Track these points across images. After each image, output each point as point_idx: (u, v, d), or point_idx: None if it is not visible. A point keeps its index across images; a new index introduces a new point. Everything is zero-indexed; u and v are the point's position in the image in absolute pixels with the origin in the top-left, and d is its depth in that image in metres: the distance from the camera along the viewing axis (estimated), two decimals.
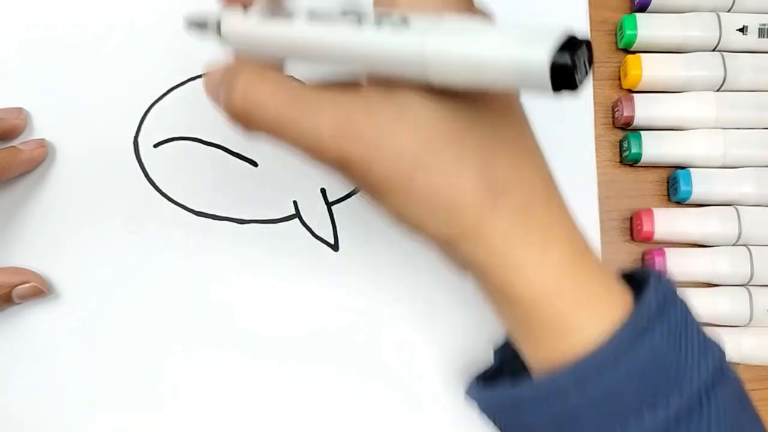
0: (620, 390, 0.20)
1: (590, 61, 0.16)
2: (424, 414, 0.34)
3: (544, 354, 0.21)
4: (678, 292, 0.22)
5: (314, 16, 0.20)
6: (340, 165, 0.20)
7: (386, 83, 0.20)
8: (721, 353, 0.22)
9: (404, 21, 0.18)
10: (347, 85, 0.20)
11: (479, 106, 0.20)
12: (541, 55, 0.15)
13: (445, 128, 0.19)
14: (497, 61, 0.16)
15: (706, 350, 0.21)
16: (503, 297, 0.21)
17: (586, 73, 0.16)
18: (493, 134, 0.20)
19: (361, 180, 0.20)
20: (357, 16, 0.19)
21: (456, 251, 0.21)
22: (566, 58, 0.15)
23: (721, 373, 0.21)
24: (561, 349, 0.21)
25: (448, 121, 0.19)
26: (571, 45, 0.15)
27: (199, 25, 0.25)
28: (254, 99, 0.20)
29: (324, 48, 0.20)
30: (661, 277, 0.22)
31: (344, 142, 0.19)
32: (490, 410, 0.24)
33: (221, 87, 0.22)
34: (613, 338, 0.20)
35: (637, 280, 0.23)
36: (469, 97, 0.20)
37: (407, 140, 0.19)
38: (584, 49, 0.15)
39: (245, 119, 0.21)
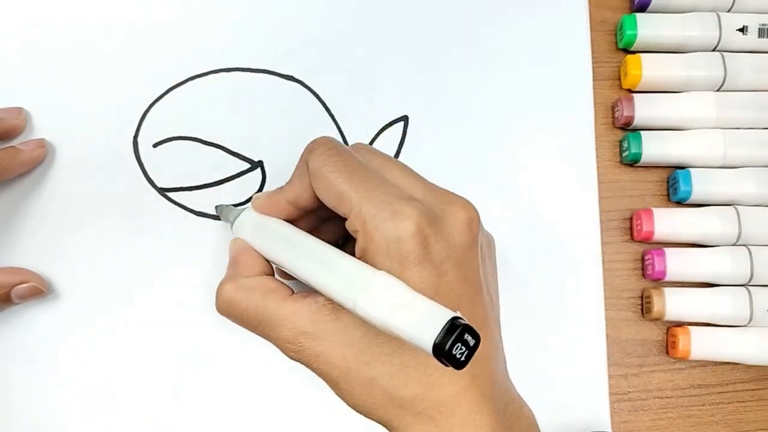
0: None
1: (475, 338, 0.20)
2: None
3: None
4: None
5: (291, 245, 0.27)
6: (295, 360, 0.26)
7: (336, 309, 0.25)
8: None
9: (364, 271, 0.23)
10: (304, 300, 0.26)
11: (401, 344, 0.24)
12: (427, 341, 0.20)
13: (369, 351, 0.24)
14: (403, 333, 0.21)
15: None
16: None
17: (469, 349, 0.20)
18: (413, 356, 0.24)
19: (310, 369, 0.26)
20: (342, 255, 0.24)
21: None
22: (446, 343, 0.19)
23: None
24: None
25: (373, 345, 0.24)
26: (455, 330, 0.19)
27: (223, 216, 0.32)
28: (229, 312, 0.27)
29: (289, 256, 0.26)
30: None
31: (295, 354, 0.25)
32: None
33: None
34: None
35: None
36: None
37: (339, 357, 0.25)
38: (463, 334, 0.19)
39: (227, 318, 0.27)
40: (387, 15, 0.37)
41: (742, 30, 0.36)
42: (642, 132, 0.36)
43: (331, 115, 0.35)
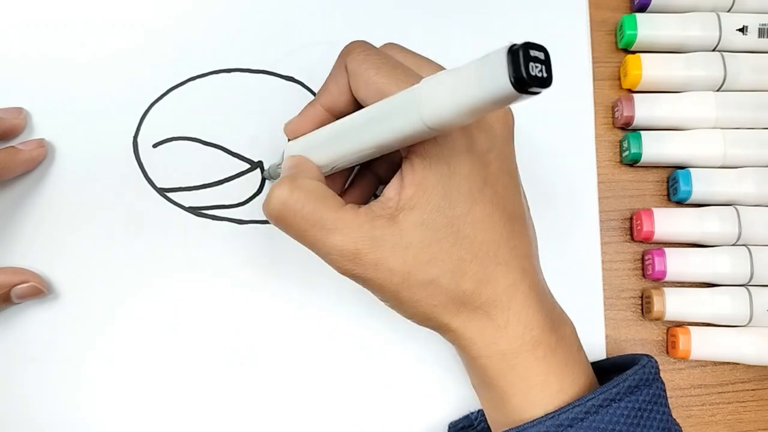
0: None
1: (548, 67, 0.18)
2: (424, 414, 0.34)
3: (501, 417, 0.27)
4: (655, 376, 0.26)
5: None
6: (348, 276, 0.26)
7: (393, 209, 0.25)
8: None
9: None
10: (360, 209, 0.25)
11: (464, 227, 0.25)
12: (499, 52, 0.18)
13: (429, 252, 0.24)
14: (467, 72, 0.19)
15: (664, 430, 0.25)
16: (466, 363, 0.28)
17: (545, 75, 0.18)
18: (470, 250, 0.25)
19: (363, 286, 0.26)
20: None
21: (436, 332, 0.27)
22: (518, 53, 0.18)
23: None
24: (514, 414, 0.26)
25: (433, 245, 0.24)
26: (520, 49, 0.18)
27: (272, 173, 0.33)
28: (283, 215, 0.25)
29: (343, 140, 0.26)
30: (650, 361, 0.27)
31: (350, 264, 0.25)
32: None
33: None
34: (569, 406, 0.24)
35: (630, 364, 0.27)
36: (458, 220, 0.24)
37: (399, 263, 0.24)
38: (528, 50, 0.18)
39: (276, 224, 0.26)
40: (387, 15, 0.37)
41: (742, 30, 0.36)
42: (642, 132, 0.36)
43: None
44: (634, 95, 0.36)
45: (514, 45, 0.18)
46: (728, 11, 0.37)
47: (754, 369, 0.36)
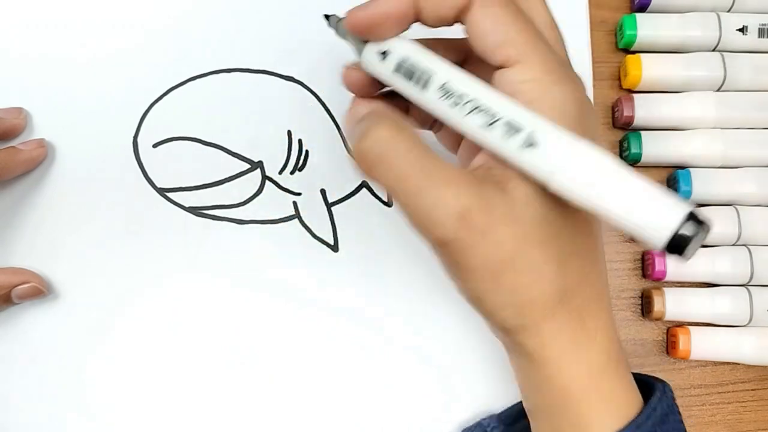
0: None
1: (705, 230, 0.17)
2: (424, 414, 0.34)
3: None
4: (674, 403, 0.24)
5: (447, 94, 0.22)
6: (442, 242, 0.21)
7: (501, 176, 0.21)
8: None
9: (532, 143, 0.20)
10: (465, 170, 0.22)
11: (568, 215, 0.22)
12: (664, 232, 0.17)
13: (540, 231, 0.21)
14: (617, 217, 0.18)
15: None
16: (538, 381, 0.23)
17: (699, 240, 0.17)
18: (573, 242, 0.22)
19: (454, 261, 0.21)
20: (489, 116, 0.21)
21: (510, 337, 0.23)
22: (686, 235, 0.17)
23: None
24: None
25: (543, 225, 0.21)
26: (692, 221, 0.17)
27: (337, 27, 0.26)
28: (385, 154, 0.21)
29: (451, 124, 0.22)
30: (665, 387, 0.24)
31: (457, 226, 0.20)
32: None
33: (359, 126, 0.22)
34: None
35: (644, 384, 0.25)
36: (564, 207, 0.21)
37: (510, 235, 0.21)
38: (701, 228, 0.17)
39: (368, 168, 0.21)
40: None
41: (742, 30, 0.36)
42: (642, 132, 0.36)
43: (331, 116, 0.35)
44: (634, 95, 0.36)
45: (699, 219, 0.17)
46: (728, 11, 0.37)
47: (754, 369, 0.36)
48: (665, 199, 0.18)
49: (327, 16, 0.27)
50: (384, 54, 0.23)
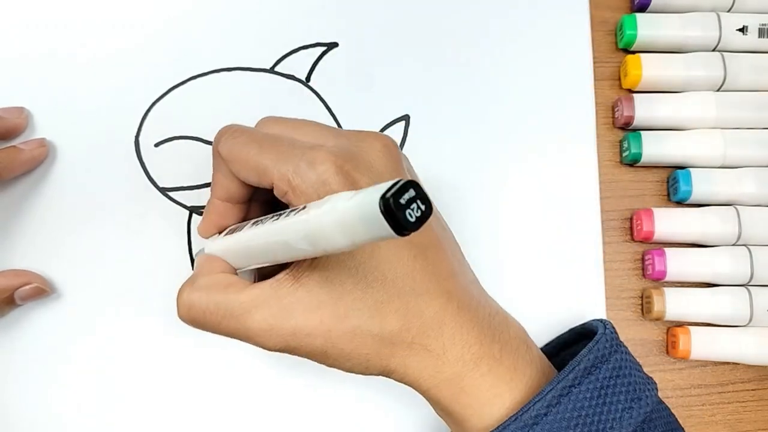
0: None
1: (423, 199, 0.18)
2: (424, 414, 0.34)
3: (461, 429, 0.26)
4: (616, 344, 0.26)
5: (256, 222, 0.25)
6: (279, 351, 0.25)
7: (296, 276, 0.24)
8: (652, 398, 0.25)
9: (303, 207, 0.22)
10: (263, 283, 0.25)
11: (365, 277, 0.24)
12: (373, 203, 0.18)
13: (342, 306, 0.24)
14: (349, 217, 0.19)
15: (633, 400, 0.25)
16: (427, 400, 0.27)
17: (424, 209, 0.18)
18: (378, 299, 0.24)
19: (298, 356, 0.25)
20: (280, 215, 0.23)
21: (389, 378, 0.26)
22: (392, 210, 0.17)
23: (649, 421, 0.25)
24: (475, 425, 0.25)
25: (343, 299, 0.24)
26: (392, 204, 0.17)
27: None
28: (194, 318, 0.26)
29: (250, 246, 0.25)
30: (605, 331, 0.26)
31: (271, 340, 0.24)
32: None
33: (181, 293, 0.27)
34: (529, 404, 0.24)
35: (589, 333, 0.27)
36: (354, 273, 0.24)
37: (315, 326, 0.24)
38: (409, 189, 0.18)
39: (197, 328, 0.26)
40: (387, 15, 0.37)
41: (742, 30, 0.36)
42: (642, 132, 0.36)
43: (332, 115, 0.36)
44: (634, 95, 0.36)
45: (386, 195, 0.17)
46: (728, 11, 0.37)
47: (755, 369, 0.36)
48: (376, 191, 0.18)
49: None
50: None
